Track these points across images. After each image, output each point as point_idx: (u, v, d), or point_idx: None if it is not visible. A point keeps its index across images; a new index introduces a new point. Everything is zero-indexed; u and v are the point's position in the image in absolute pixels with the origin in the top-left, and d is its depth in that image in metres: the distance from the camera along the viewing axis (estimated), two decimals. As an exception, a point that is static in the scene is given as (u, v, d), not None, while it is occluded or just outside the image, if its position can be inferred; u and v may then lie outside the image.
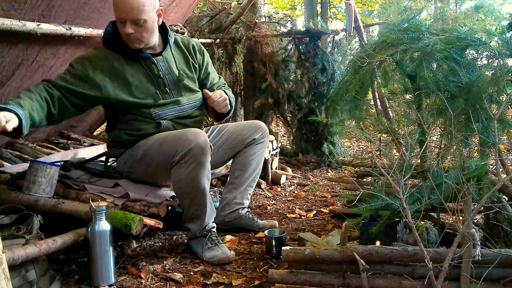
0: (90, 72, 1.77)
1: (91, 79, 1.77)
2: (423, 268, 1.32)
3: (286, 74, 3.85)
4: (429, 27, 1.69)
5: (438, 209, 1.69)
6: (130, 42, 1.81)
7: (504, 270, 1.30)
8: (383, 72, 1.87)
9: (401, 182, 1.26)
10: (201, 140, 1.69)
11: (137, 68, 1.86)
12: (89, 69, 1.77)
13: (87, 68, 1.77)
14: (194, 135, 1.70)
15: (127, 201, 1.80)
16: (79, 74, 1.76)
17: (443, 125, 1.63)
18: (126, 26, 1.74)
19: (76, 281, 1.59)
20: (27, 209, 1.65)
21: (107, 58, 1.82)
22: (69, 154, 2.51)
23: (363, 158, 3.54)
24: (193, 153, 1.67)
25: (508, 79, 1.50)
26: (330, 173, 3.55)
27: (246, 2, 3.65)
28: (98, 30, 2.30)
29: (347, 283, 1.35)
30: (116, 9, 1.73)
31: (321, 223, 2.30)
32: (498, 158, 1.48)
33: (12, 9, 1.72)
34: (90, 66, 1.78)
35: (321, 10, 8.41)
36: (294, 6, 10.80)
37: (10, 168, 2.17)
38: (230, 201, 2.10)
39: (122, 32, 1.77)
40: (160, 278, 1.65)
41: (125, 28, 1.74)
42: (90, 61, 1.80)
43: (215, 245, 1.82)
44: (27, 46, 1.96)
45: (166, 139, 1.77)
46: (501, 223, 1.55)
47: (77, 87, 1.75)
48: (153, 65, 1.89)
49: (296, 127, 3.87)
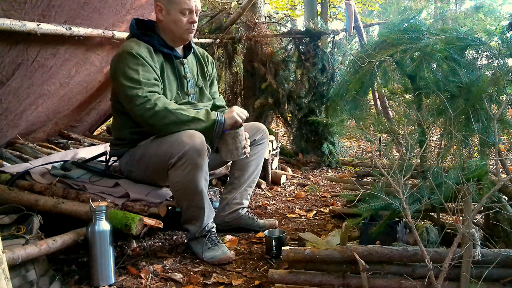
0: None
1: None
2: (423, 268, 1.32)
3: (286, 74, 3.85)
4: (429, 27, 1.69)
5: (438, 209, 1.69)
6: (187, 33, 1.89)
7: (504, 270, 1.30)
8: (383, 72, 1.87)
9: (401, 182, 1.26)
10: (197, 142, 1.68)
11: (167, 65, 1.91)
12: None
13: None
14: (190, 137, 1.68)
15: (127, 201, 1.80)
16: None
17: (443, 125, 1.63)
18: (193, 15, 1.85)
19: (76, 281, 1.59)
20: (27, 209, 1.65)
21: (148, 48, 1.85)
22: (69, 154, 2.51)
23: (363, 158, 3.55)
24: (189, 155, 1.66)
25: (508, 79, 1.50)
26: (330, 173, 3.55)
27: (246, 2, 3.65)
28: (98, 30, 2.30)
29: (347, 283, 1.35)
30: (183, 1, 1.81)
31: (321, 223, 2.30)
32: (498, 158, 1.48)
33: (12, 9, 1.72)
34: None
35: (321, 10, 8.41)
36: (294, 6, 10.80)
37: (10, 168, 2.17)
38: (230, 201, 2.10)
39: (183, 23, 1.84)
40: (160, 278, 1.65)
41: (193, 16, 1.85)
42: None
43: (215, 245, 1.82)
44: (27, 46, 1.96)
45: (164, 140, 1.77)
46: (501, 223, 1.55)
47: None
48: (182, 65, 1.95)
49: (296, 127, 3.87)
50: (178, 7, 1.82)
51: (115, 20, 2.43)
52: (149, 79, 1.76)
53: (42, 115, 2.69)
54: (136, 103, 1.70)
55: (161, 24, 1.89)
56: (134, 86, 1.72)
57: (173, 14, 1.83)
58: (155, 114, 1.69)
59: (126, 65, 1.75)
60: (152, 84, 1.76)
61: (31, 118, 2.57)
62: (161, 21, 1.88)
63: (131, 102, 1.72)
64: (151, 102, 1.69)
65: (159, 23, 1.90)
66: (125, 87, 1.73)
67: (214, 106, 2.12)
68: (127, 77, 1.73)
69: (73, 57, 2.34)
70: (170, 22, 1.86)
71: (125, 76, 1.74)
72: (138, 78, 1.73)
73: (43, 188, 1.90)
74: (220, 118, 1.77)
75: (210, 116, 1.76)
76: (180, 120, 1.71)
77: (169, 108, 1.70)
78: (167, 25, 1.87)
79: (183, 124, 1.71)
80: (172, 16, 1.84)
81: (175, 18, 1.84)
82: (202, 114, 1.75)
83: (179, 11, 1.83)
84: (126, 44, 1.83)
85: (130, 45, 1.81)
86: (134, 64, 1.75)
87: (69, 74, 2.44)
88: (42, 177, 2.03)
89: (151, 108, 1.69)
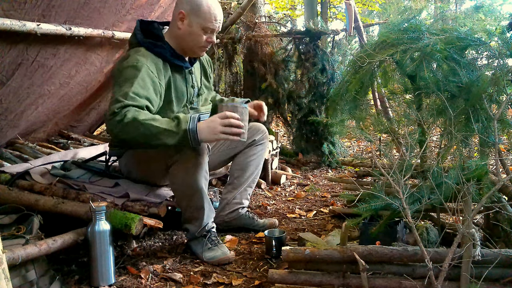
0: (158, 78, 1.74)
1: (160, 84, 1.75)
2: (423, 268, 1.32)
3: (286, 74, 3.85)
4: (429, 27, 1.69)
5: (438, 209, 1.69)
6: (201, 50, 1.83)
7: (504, 270, 1.30)
8: (383, 72, 1.87)
9: (401, 182, 1.26)
10: None
11: (176, 76, 1.84)
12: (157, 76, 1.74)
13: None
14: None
15: (127, 201, 1.80)
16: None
17: (443, 125, 1.63)
18: (213, 35, 1.80)
19: (76, 281, 1.59)
20: (27, 209, 1.65)
21: (156, 63, 1.75)
22: (69, 154, 2.51)
23: (363, 158, 3.54)
24: (189, 154, 1.66)
25: (508, 79, 1.50)
26: (330, 173, 3.55)
27: (246, 2, 3.65)
28: (98, 30, 2.30)
29: (347, 283, 1.35)
30: (209, 19, 1.74)
31: (321, 223, 2.30)
32: (498, 158, 1.48)
33: (12, 9, 1.72)
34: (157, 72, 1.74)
35: (321, 10, 8.40)
36: (294, 6, 10.80)
37: (10, 168, 2.17)
38: (230, 201, 2.10)
39: (201, 40, 1.77)
40: (160, 278, 1.65)
41: (213, 37, 1.79)
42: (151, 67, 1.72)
43: (215, 245, 1.82)
44: (27, 46, 1.96)
45: None
46: (501, 223, 1.55)
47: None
48: (190, 75, 1.92)
49: (296, 127, 3.87)
50: (202, 23, 1.74)
51: (115, 20, 2.43)
52: (139, 95, 1.61)
53: (42, 115, 2.69)
54: (108, 116, 1.57)
55: (177, 32, 1.78)
56: (118, 99, 1.58)
57: (194, 27, 1.75)
58: (124, 126, 1.53)
59: (124, 78, 1.65)
60: (137, 100, 1.60)
61: (31, 118, 2.57)
62: (178, 29, 1.77)
63: (108, 114, 1.59)
64: (122, 113, 1.53)
65: (174, 31, 1.79)
66: (112, 98, 1.62)
67: (211, 96, 2.14)
68: (119, 89, 1.62)
69: (73, 57, 2.34)
70: (188, 34, 1.77)
71: (118, 87, 1.63)
72: (127, 91, 1.59)
73: (43, 188, 1.90)
74: (192, 127, 1.56)
75: (181, 125, 1.55)
76: (150, 133, 1.53)
77: (139, 119, 1.52)
78: (183, 36, 1.78)
79: (153, 137, 1.54)
80: (193, 29, 1.75)
81: (195, 32, 1.76)
82: (174, 125, 1.56)
83: (201, 27, 1.75)
84: (133, 57, 1.70)
85: (137, 58, 1.69)
86: (132, 77, 1.63)
87: (69, 74, 2.44)
88: (42, 177, 2.03)
89: (121, 120, 1.52)
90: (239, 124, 1.61)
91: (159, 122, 1.55)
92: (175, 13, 1.78)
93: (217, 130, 1.58)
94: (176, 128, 1.55)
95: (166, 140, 1.55)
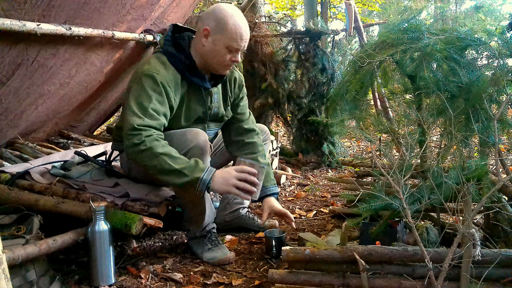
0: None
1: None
2: (423, 268, 1.32)
3: (286, 74, 3.85)
4: (429, 27, 1.69)
5: (438, 209, 1.69)
6: (224, 69, 1.78)
7: (504, 270, 1.29)
8: (383, 72, 1.87)
9: (401, 182, 1.26)
10: (200, 140, 1.68)
11: (193, 94, 1.79)
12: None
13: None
14: (194, 135, 1.69)
15: (127, 201, 1.80)
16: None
17: (443, 125, 1.63)
18: (238, 54, 1.73)
19: (76, 281, 1.59)
20: (27, 209, 1.65)
21: (175, 77, 1.73)
22: (69, 154, 2.51)
23: (363, 158, 3.54)
24: (192, 153, 1.66)
25: (508, 79, 1.50)
26: (330, 173, 3.55)
27: (246, 2, 3.65)
28: (98, 30, 2.30)
29: (347, 283, 1.35)
30: (234, 38, 1.68)
31: (321, 223, 2.30)
32: (498, 158, 1.48)
33: (12, 9, 1.72)
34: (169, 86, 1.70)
35: (321, 10, 8.41)
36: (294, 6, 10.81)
37: (10, 168, 2.17)
38: (230, 201, 2.10)
39: (225, 59, 1.71)
40: (160, 278, 1.65)
41: (237, 56, 1.73)
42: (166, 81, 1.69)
43: (215, 245, 1.82)
44: (27, 46, 1.96)
45: (166, 138, 1.77)
46: (501, 223, 1.55)
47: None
48: (209, 96, 1.85)
49: (296, 127, 3.87)
50: (227, 42, 1.68)
51: (115, 20, 2.43)
52: (158, 112, 1.61)
53: (42, 115, 2.69)
54: (127, 131, 1.57)
55: (201, 49, 1.73)
56: (136, 113, 1.58)
57: (218, 45, 1.69)
58: (139, 152, 1.55)
59: (143, 87, 1.63)
60: (156, 118, 1.61)
61: (31, 118, 2.57)
62: (202, 46, 1.71)
63: (125, 126, 1.59)
64: (141, 137, 1.54)
65: (198, 47, 1.74)
66: (130, 108, 1.61)
67: (241, 129, 2.00)
68: (137, 100, 1.61)
69: (73, 57, 2.34)
70: (212, 52, 1.71)
71: (136, 97, 1.62)
72: (146, 106, 1.59)
73: (43, 188, 1.90)
74: (206, 178, 1.55)
75: (195, 172, 1.55)
76: (161, 168, 1.54)
77: (156, 151, 1.53)
78: (207, 53, 1.72)
79: (162, 172, 1.55)
80: (217, 47, 1.69)
81: (219, 51, 1.70)
82: (188, 167, 1.55)
83: (225, 46, 1.69)
84: (155, 66, 1.68)
85: (157, 68, 1.67)
86: (152, 91, 1.62)
87: (69, 74, 2.44)
88: (42, 177, 2.03)
89: (138, 144, 1.53)
90: (254, 181, 1.63)
91: (174, 161, 1.55)
92: (200, 28, 1.73)
93: (230, 182, 1.60)
94: (188, 171, 1.55)
95: (173, 179, 1.56)
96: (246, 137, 1.99)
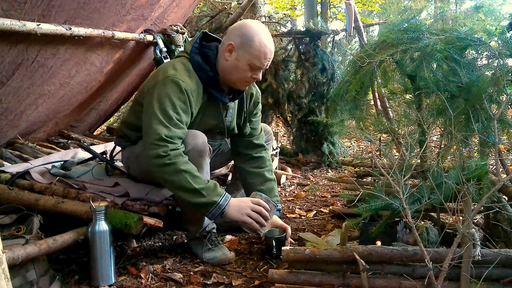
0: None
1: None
2: (423, 268, 1.32)
3: (286, 74, 3.85)
4: (429, 27, 1.69)
5: (438, 209, 1.69)
6: (244, 85, 1.78)
7: (504, 270, 1.30)
8: (383, 72, 1.87)
9: (401, 182, 1.26)
10: (199, 142, 1.68)
11: (210, 106, 1.79)
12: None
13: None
14: (193, 137, 1.68)
15: (127, 200, 1.80)
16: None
17: (443, 125, 1.63)
18: (260, 73, 1.73)
19: (76, 281, 1.59)
20: (27, 209, 1.65)
21: (198, 86, 1.72)
22: (69, 154, 2.51)
23: (363, 158, 3.54)
24: (190, 155, 1.65)
25: (508, 79, 1.50)
26: (330, 173, 3.55)
27: (246, 2, 3.65)
28: (98, 30, 2.30)
29: (347, 283, 1.35)
30: (258, 56, 1.67)
31: (321, 223, 2.30)
32: (498, 158, 1.48)
33: (12, 9, 1.72)
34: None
35: (321, 10, 8.41)
36: (294, 6, 10.82)
37: (10, 168, 2.18)
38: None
39: (246, 76, 1.71)
40: (160, 278, 1.65)
41: (258, 74, 1.73)
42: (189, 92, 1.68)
43: (215, 246, 1.82)
44: (27, 46, 1.96)
45: None
46: (501, 223, 1.55)
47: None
48: (226, 110, 1.85)
49: (296, 127, 3.87)
50: (250, 59, 1.67)
51: (115, 20, 2.43)
52: (181, 121, 1.62)
53: (42, 115, 2.69)
54: (153, 140, 1.56)
55: (224, 63, 1.72)
56: (162, 121, 1.57)
57: (241, 62, 1.68)
58: (162, 165, 1.55)
59: (168, 94, 1.61)
60: (181, 127, 1.62)
61: (31, 118, 2.57)
62: (225, 60, 1.71)
63: (150, 135, 1.58)
64: (167, 150, 1.54)
65: (222, 61, 1.73)
66: (154, 116, 1.59)
67: (251, 144, 2.00)
68: (162, 107, 1.60)
69: (73, 57, 2.34)
70: (234, 67, 1.70)
71: (160, 104, 1.60)
72: (171, 115, 1.59)
73: (43, 188, 1.90)
74: (222, 203, 1.60)
75: (213, 195, 1.58)
76: (180, 184, 1.55)
77: (180, 167, 1.54)
78: (229, 68, 1.72)
79: (180, 190, 1.57)
80: (240, 64, 1.69)
81: (241, 67, 1.69)
82: (207, 189, 1.58)
83: (248, 63, 1.68)
84: (180, 69, 1.68)
85: (182, 75, 1.66)
86: (177, 99, 1.61)
87: (69, 74, 2.44)
88: (42, 177, 2.03)
89: (163, 156, 1.54)
90: (267, 216, 1.69)
91: (194, 180, 1.56)
92: (225, 42, 1.72)
93: (245, 211, 1.65)
94: (206, 193, 1.57)
95: (189, 198, 1.57)
96: (255, 151, 2.00)
